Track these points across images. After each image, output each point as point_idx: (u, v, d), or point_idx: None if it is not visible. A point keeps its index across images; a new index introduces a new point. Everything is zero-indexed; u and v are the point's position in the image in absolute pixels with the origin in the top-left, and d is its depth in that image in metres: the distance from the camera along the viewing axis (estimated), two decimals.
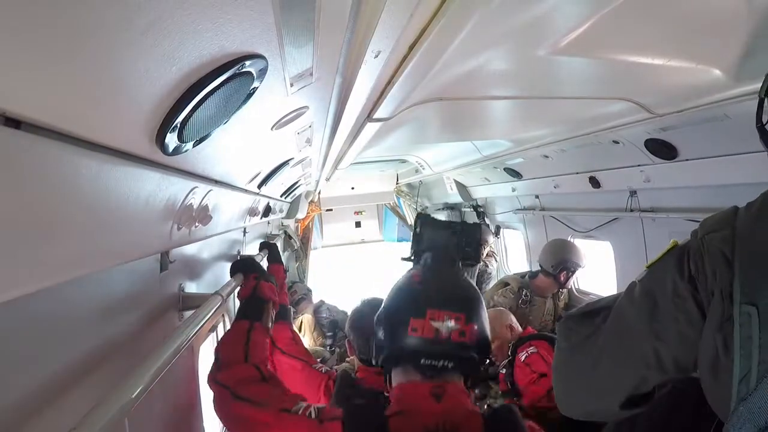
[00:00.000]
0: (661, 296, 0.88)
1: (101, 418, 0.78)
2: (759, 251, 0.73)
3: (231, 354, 1.33)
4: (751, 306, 0.70)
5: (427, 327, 1.16)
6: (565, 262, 3.52)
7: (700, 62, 1.47)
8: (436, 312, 1.17)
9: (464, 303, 1.21)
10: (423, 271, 1.34)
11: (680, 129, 2.12)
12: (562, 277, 3.55)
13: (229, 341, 1.40)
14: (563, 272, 3.54)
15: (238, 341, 1.38)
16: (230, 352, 1.34)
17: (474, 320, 1.19)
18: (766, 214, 0.76)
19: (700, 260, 0.82)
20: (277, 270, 2.48)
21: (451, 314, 1.17)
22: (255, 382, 1.23)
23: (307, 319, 5.04)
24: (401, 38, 0.97)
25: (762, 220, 0.76)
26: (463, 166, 4.62)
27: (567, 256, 3.53)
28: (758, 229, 0.75)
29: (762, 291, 0.70)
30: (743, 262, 0.74)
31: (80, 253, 0.77)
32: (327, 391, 1.77)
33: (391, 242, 8.53)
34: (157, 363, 1.03)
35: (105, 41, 0.49)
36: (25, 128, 0.50)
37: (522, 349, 2.79)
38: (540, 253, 3.71)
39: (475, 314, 1.21)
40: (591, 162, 3.09)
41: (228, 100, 0.82)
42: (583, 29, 1.19)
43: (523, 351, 2.77)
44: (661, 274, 0.90)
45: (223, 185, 1.49)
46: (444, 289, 1.24)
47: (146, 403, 0.96)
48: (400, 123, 2.06)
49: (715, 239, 0.80)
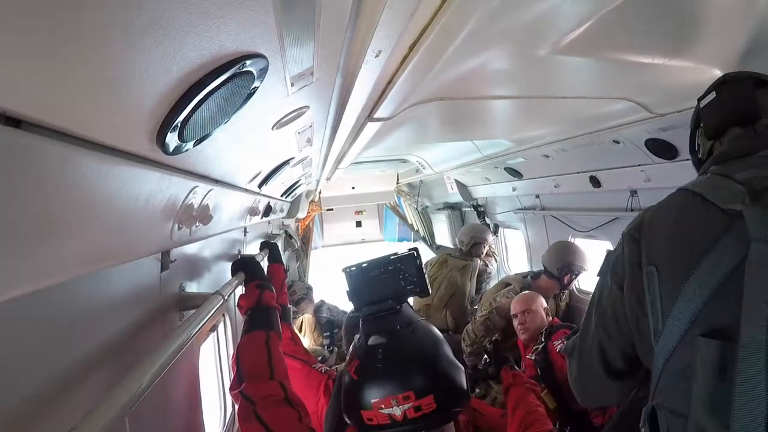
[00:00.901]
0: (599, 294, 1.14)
1: (101, 418, 0.78)
2: (656, 229, 1.00)
3: (255, 368, 1.37)
4: (652, 266, 0.96)
5: (379, 416, 1.16)
6: (570, 266, 3.51)
7: (701, 62, 1.47)
8: (381, 401, 1.15)
9: (410, 379, 1.16)
10: (356, 350, 1.29)
11: (681, 129, 2.11)
12: (566, 279, 3.54)
13: (251, 354, 1.43)
14: (567, 275, 3.54)
15: (260, 355, 1.41)
16: (254, 366, 1.37)
17: (427, 390, 1.15)
18: (664, 207, 1.02)
19: (620, 249, 1.08)
20: (278, 270, 2.48)
21: (398, 396, 1.14)
22: (278, 404, 1.26)
23: (308, 319, 5.05)
24: (402, 38, 0.97)
25: (660, 210, 1.03)
26: (464, 166, 4.62)
27: (572, 260, 3.52)
28: (655, 216, 1.02)
29: (659, 255, 0.96)
30: (646, 238, 1.01)
31: (80, 252, 0.77)
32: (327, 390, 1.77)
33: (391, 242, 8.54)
34: (157, 363, 1.03)
35: (105, 40, 0.49)
36: (25, 127, 0.50)
37: (556, 336, 2.83)
38: (544, 255, 3.69)
39: (428, 380, 1.17)
40: (591, 162, 3.09)
41: (228, 99, 0.82)
42: (583, 29, 1.19)
43: (558, 339, 2.80)
44: (602, 276, 1.16)
45: (223, 185, 1.49)
46: (385, 372, 1.18)
47: (147, 402, 0.96)
48: (400, 122, 2.06)
49: (630, 229, 1.07)
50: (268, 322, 1.56)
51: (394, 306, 1.35)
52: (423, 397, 1.14)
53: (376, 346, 1.22)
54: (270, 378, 1.34)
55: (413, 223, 7.53)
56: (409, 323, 1.29)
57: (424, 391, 1.14)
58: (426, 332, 1.29)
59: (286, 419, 1.22)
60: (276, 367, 1.38)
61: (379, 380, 1.17)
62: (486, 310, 3.74)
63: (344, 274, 1.46)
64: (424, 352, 1.23)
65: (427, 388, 1.15)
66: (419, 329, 1.29)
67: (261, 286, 1.71)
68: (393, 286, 1.43)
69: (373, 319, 1.32)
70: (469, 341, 3.76)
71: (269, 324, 1.55)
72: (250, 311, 1.62)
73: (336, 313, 5.21)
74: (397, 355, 1.21)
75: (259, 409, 1.22)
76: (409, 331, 1.26)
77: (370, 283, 1.44)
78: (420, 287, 1.45)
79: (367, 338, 1.26)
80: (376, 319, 1.32)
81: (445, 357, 1.24)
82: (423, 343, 1.26)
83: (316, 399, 1.77)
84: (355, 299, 1.44)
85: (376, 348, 1.22)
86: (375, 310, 1.35)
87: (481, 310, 3.82)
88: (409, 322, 1.30)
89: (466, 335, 3.79)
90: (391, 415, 1.14)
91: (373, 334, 1.26)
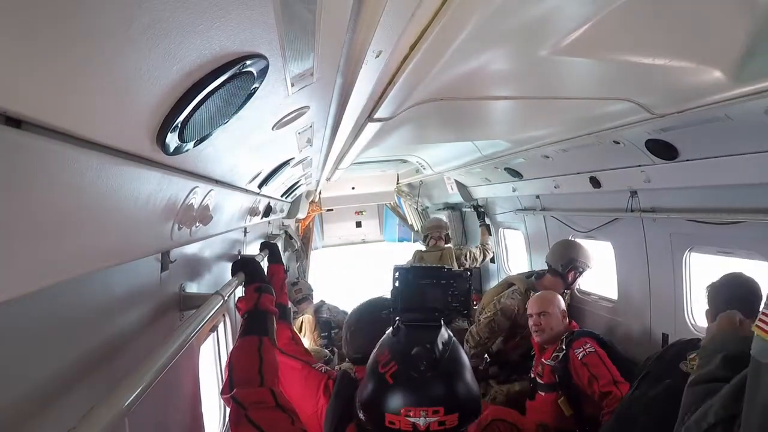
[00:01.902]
0: None
1: (101, 418, 0.78)
2: None
3: (246, 374, 1.38)
4: None
5: (403, 422, 1.17)
6: (574, 262, 3.54)
7: (701, 63, 1.47)
8: (411, 409, 1.17)
9: (442, 393, 1.19)
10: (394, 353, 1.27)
11: (681, 129, 2.11)
12: (570, 276, 3.57)
13: (243, 360, 1.44)
14: (571, 272, 3.56)
15: (252, 362, 1.42)
16: (245, 372, 1.39)
17: (456, 408, 1.18)
18: None
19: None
20: (278, 270, 2.48)
21: (428, 409, 1.16)
22: (269, 409, 1.27)
23: (308, 319, 5.05)
24: (402, 38, 0.97)
25: None
26: (464, 166, 4.62)
27: (576, 256, 3.56)
28: None
29: None
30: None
31: (81, 252, 0.77)
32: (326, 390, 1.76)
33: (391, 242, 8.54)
34: (157, 363, 1.03)
35: (106, 41, 0.49)
36: (26, 128, 0.50)
37: (578, 344, 2.80)
38: (548, 253, 3.72)
39: (460, 399, 1.20)
40: (592, 162, 3.09)
41: (229, 100, 0.82)
42: (584, 29, 1.19)
43: (579, 347, 2.77)
44: None
45: (223, 185, 1.49)
46: (424, 384, 1.20)
47: (147, 402, 0.96)
48: (400, 123, 2.06)
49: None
50: (264, 327, 1.58)
51: (439, 320, 1.37)
52: (450, 414, 1.17)
53: (419, 356, 1.23)
54: (260, 385, 1.35)
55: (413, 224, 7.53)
56: (448, 341, 1.31)
57: (453, 409, 1.18)
58: (460, 353, 1.31)
59: (279, 421, 1.24)
60: (267, 374, 1.39)
61: (416, 389, 1.19)
62: (490, 312, 3.73)
63: (395, 271, 1.47)
64: (461, 372, 1.25)
65: (457, 406, 1.19)
66: (455, 349, 1.30)
67: (260, 289, 1.72)
68: (441, 299, 1.45)
69: (419, 328, 1.33)
70: (473, 343, 3.75)
71: (264, 329, 1.57)
72: (246, 314, 1.63)
73: (336, 313, 5.22)
74: (439, 369, 1.22)
75: (251, 413, 1.23)
76: (448, 348, 1.28)
77: (420, 289, 1.45)
78: (465, 307, 1.47)
79: (409, 345, 1.27)
80: (421, 329, 1.33)
81: (473, 380, 1.27)
82: (459, 359, 1.28)
83: (315, 399, 1.76)
84: (401, 300, 1.44)
85: (420, 358, 1.23)
86: (421, 318, 1.36)
87: (485, 312, 3.81)
88: (449, 339, 1.32)
89: (470, 337, 3.78)
90: (415, 424, 1.16)
91: (416, 342, 1.26)
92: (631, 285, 3.34)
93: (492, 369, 3.88)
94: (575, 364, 2.74)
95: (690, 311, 2.88)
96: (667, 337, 2.99)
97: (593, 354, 2.71)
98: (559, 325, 3.02)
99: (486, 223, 5.57)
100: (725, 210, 2.40)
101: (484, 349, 3.81)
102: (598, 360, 2.68)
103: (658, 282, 3.07)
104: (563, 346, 2.87)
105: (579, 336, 2.87)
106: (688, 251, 2.84)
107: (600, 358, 2.69)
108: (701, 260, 2.83)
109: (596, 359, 2.68)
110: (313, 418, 1.68)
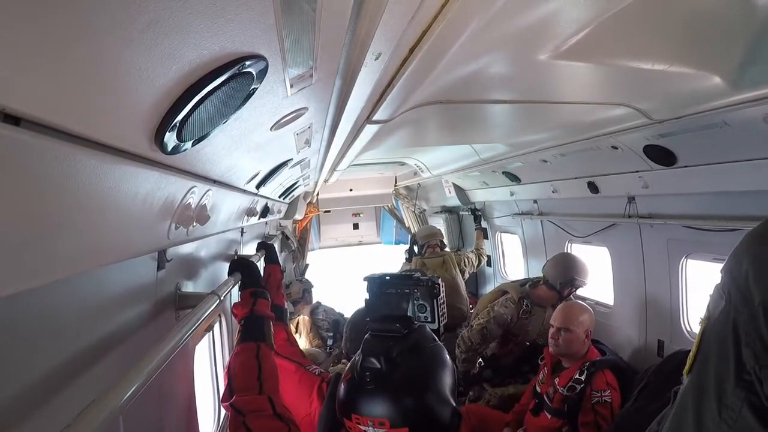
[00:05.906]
0: None
1: (96, 416, 0.77)
2: None
3: (245, 382, 1.39)
4: None
5: (355, 429, 1.20)
6: (573, 281, 3.51)
7: (700, 69, 1.47)
8: (359, 418, 1.18)
9: (389, 409, 1.16)
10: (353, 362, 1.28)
11: (679, 135, 2.12)
12: (566, 292, 3.55)
13: (242, 367, 1.44)
14: (568, 289, 3.55)
15: (250, 369, 1.43)
16: (244, 379, 1.39)
17: (403, 422, 1.15)
18: None
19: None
20: (274, 270, 2.48)
21: (374, 420, 1.16)
22: (266, 417, 1.28)
23: (304, 321, 5.05)
24: (402, 40, 0.98)
25: None
26: (462, 170, 4.63)
27: (575, 275, 3.51)
28: None
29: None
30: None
31: (77, 250, 0.77)
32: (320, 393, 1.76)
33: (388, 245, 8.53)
34: (152, 362, 1.03)
35: (105, 39, 0.49)
36: (25, 125, 0.50)
37: (598, 385, 2.65)
38: (547, 267, 3.67)
39: (407, 414, 1.16)
40: (590, 167, 3.10)
41: (227, 100, 0.82)
42: (583, 34, 1.20)
43: (598, 390, 2.64)
44: None
45: (221, 185, 1.49)
46: (369, 395, 1.19)
47: (142, 401, 0.96)
48: (399, 125, 2.06)
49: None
50: (261, 332, 1.59)
51: (401, 330, 1.31)
52: (398, 428, 1.15)
53: (367, 369, 1.22)
54: (259, 392, 1.36)
55: (410, 226, 7.54)
56: (415, 348, 1.27)
57: (399, 423, 1.16)
58: (430, 361, 1.26)
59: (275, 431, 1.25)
60: (266, 381, 1.40)
61: (362, 400, 1.19)
62: (483, 319, 3.73)
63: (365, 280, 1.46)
64: (414, 385, 1.20)
65: (405, 421, 1.16)
66: (424, 356, 1.26)
67: (255, 294, 1.72)
68: (405, 309, 1.43)
69: (376, 338, 1.30)
70: (464, 348, 3.75)
71: (261, 335, 1.58)
72: (243, 321, 1.64)
73: (332, 314, 5.21)
74: (385, 382, 1.19)
75: (249, 421, 1.24)
76: (410, 357, 1.24)
77: (384, 300, 1.43)
78: (431, 318, 1.44)
79: (362, 355, 1.26)
80: (378, 339, 1.30)
81: (436, 392, 1.21)
82: (417, 373, 1.22)
83: (309, 401, 1.76)
84: (369, 310, 1.43)
85: (365, 369, 1.22)
86: (379, 329, 1.33)
87: (478, 318, 3.81)
88: (416, 346, 1.27)
89: (461, 342, 3.78)
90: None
91: (370, 354, 1.24)
92: (628, 291, 3.34)
93: (486, 372, 3.89)
94: (586, 404, 2.63)
95: (686, 318, 2.87)
96: (662, 344, 2.99)
97: (608, 405, 2.59)
98: (579, 346, 2.83)
99: (482, 227, 5.58)
100: (723, 217, 2.40)
101: (475, 354, 3.81)
102: (609, 412, 2.57)
103: (655, 288, 3.08)
104: (581, 378, 2.70)
105: (601, 367, 2.71)
106: (684, 258, 2.84)
107: (612, 409, 2.58)
108: (698, 267, 2.82)
109: (608, 411, 2.58)
110: (306, 419, 1.68)
